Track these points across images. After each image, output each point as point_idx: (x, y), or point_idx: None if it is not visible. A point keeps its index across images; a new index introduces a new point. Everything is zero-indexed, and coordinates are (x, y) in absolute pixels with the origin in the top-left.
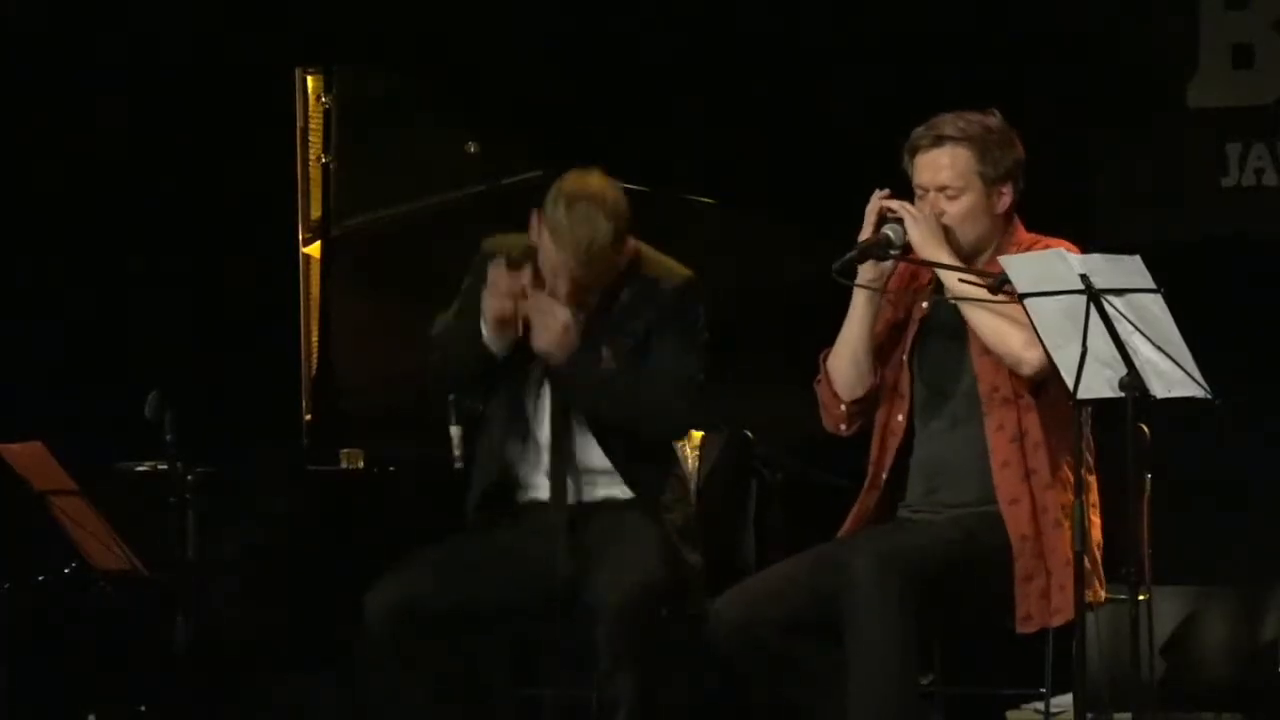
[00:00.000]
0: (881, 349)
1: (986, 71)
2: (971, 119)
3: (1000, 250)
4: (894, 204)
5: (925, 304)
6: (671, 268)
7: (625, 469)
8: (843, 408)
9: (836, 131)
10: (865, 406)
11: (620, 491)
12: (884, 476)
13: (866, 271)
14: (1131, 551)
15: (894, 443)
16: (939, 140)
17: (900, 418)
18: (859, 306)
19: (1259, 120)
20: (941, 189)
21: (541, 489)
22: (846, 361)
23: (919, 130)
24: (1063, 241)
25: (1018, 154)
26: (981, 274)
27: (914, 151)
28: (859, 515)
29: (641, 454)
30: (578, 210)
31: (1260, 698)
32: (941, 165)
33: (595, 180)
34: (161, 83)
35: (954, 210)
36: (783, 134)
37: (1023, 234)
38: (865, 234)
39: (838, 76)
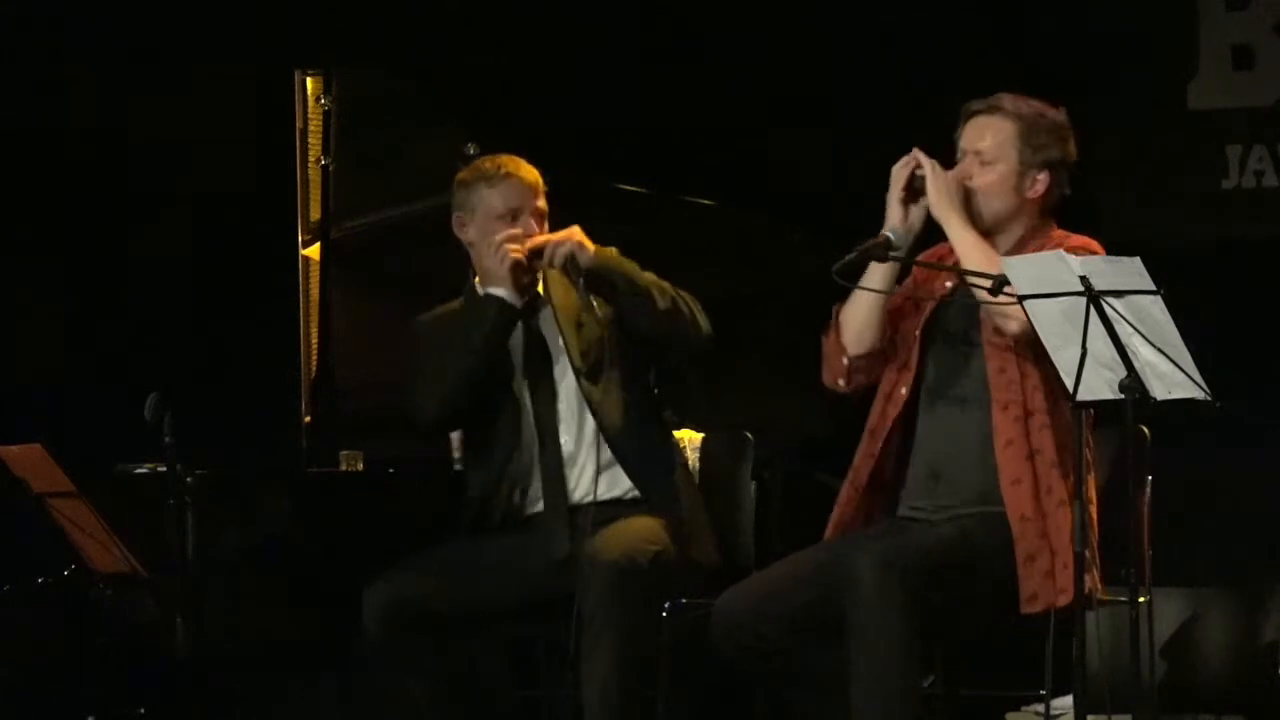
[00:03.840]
0: (899, 312)
1: (987, 72)
2: (1033, 103)
3: (1027, 239)
4: (921, 159)
5: (949, 284)
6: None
7: (633, 469)
8: (845, 360)
9: (837, 132)
10: (868, 364)
11: (628, 492)
12: (879, 447)
13: (874, 274)
14: (1132, 553)
15: (894, 413)
16: (991, 109)
17: (904, 390)
18: (880, 267)
19: (1259, 122)
20: (978, 153)
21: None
22: (859, 314)
23: (977, 99)
24: (1092, 241)
25: (1066, 150)
26: (982, 275)
27: (967, 116)
28: (851, 495)
29: (648, 454)
30: (498, 160)
31: (1260, 698)
32: (985, 132)
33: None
34: (161, 82)
35: (982, 179)
36: (783, 134)
37: (1055, 232)
38: (893, 193)
39: (838, 76)
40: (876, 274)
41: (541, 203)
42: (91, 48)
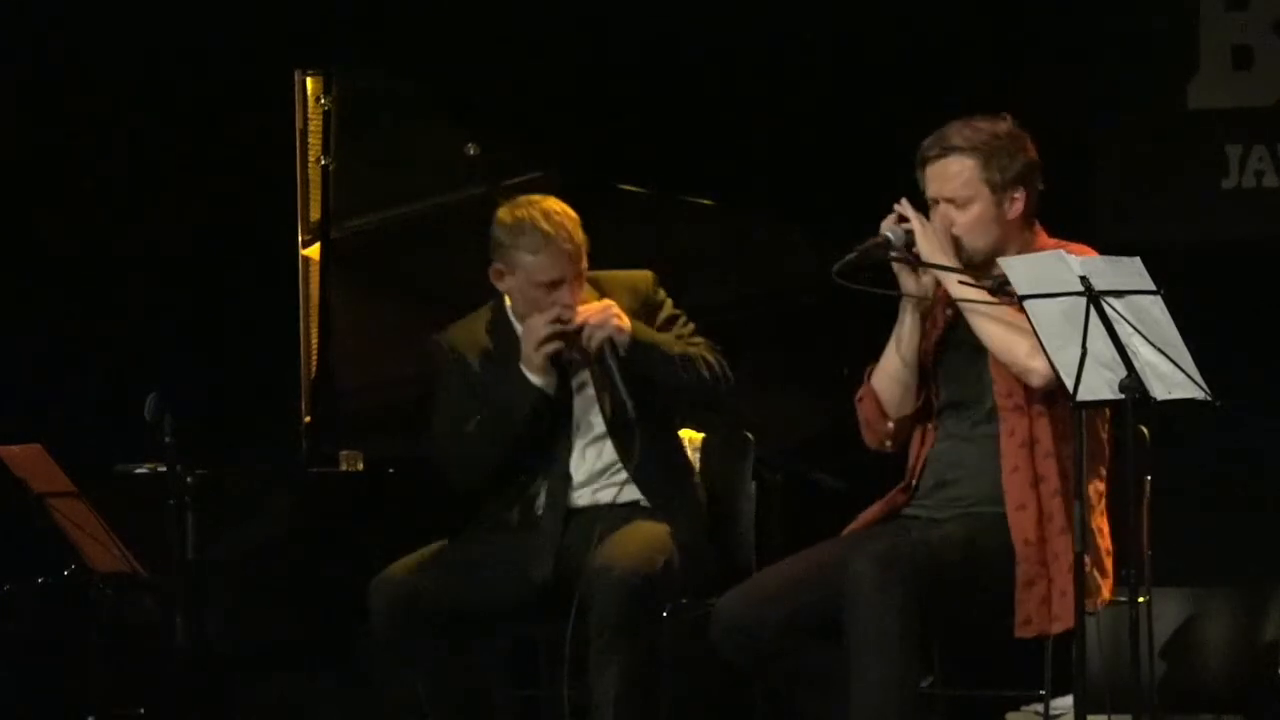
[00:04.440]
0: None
1: (987, 72)
2: (979, 126)
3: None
4: (907, 211)
5: (950, 310)
6: (630, 275)
7: (640, 476)
8: (890, 425)
9: (838, 132)
10: (910, 423)
11: (635, 497)
12: (914, 484)
13: (909, 282)
14: (1132, 553)
15: (925, 450)
16: (945, 151)
17: (931, 424)
18: (906, 325)
19: (1259, 122)
20: (950, 200)
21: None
22: (894, 380)
23: (927, 141)
24: (1086, 248)
25: (1028, 158)
26: (982, 278)
27: (923, 163)
28: (885, 508)
29: (664, 477)
30: (542, 220)
31: (1260, 698)
32: (948, 176)
33: (531, 197)
34: (161, 83)
35: (963, 220)
36: (783, 134)
37: (1045, 240)
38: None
39: (839, 76)
40: (913, 285)
41: (583, 264)
42: (91, 47)
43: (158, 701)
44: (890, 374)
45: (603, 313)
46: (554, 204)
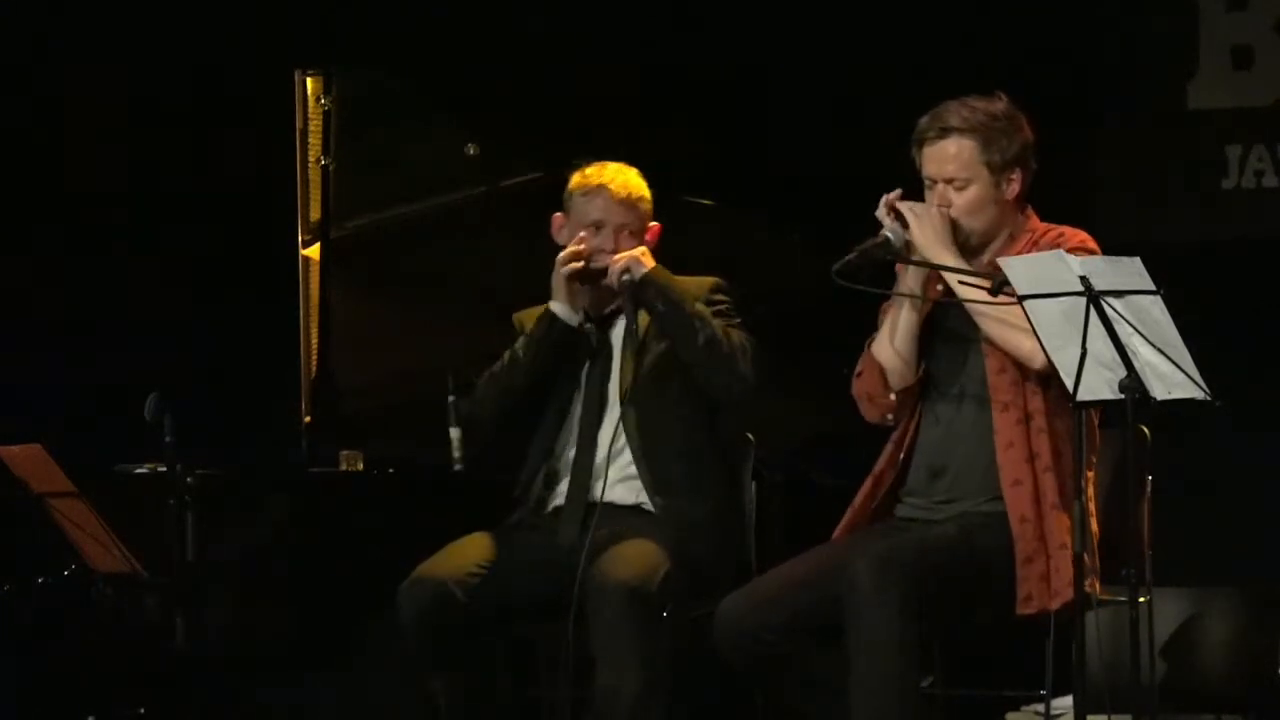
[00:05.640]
0: None
1: (986, 71)
2: (976, 106)
3: (1013, 239)
4: (900, 204)
5: (941, 286)
6: (697, 279)
7: (656, 478)
8: (892, 397)
9: (838, 132)
10: (910, 397)
11: (645, 501)
12: (901, 457)
13: (906, 279)
14: (1132, 553)
15: (913, 424)
16: (944, 132)
17: (919, 402)
18: (902, 319)
19: (1259, 122)
20: (949, 181)
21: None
22: (900, 352)
23: (924, 121)
24: (1079, 232)
25: (1024, 138)
26: (983, 277)
27: (920, 143)
28: (867, 499)
29: (677, 477)
30: (601, 170)
31: (1260, 698)
32: (947, 157)
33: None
34: (161, 83)
35: (962, 201)
36: (783, 134)
37: (1036, 223)
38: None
39: (839, 75)
40: (912, 281)
41: (629, 219)
42: (90, 46)
43: (158, 701)
44: (896, 347)
45: (631, 252)
46: (626, 168)
